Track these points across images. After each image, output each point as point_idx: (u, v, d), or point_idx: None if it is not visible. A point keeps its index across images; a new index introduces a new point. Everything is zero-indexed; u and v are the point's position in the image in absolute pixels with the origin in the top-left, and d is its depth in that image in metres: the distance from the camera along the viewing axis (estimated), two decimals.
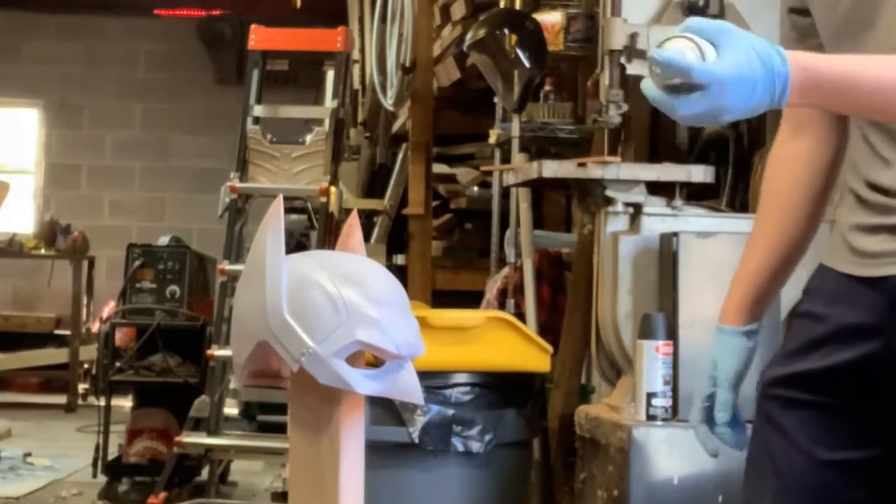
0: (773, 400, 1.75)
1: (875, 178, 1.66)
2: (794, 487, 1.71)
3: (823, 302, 1.71)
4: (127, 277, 5.72)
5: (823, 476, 1.69)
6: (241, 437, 4.98)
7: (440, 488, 3.34)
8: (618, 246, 3.39)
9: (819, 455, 1.69)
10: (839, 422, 1.68)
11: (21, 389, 9.90)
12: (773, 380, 1.76)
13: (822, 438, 1.69)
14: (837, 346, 1.67)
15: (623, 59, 3.39)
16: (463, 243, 6.68)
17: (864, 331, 1.65)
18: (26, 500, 5.63)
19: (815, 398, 1.69)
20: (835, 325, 1.68)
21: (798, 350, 1.73)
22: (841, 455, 1.68)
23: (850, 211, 1.71)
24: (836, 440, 1.68)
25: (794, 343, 1.76)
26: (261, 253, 1.71)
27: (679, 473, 3.09)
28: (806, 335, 1.73)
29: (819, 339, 1.70)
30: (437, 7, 6.06)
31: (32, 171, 11.44)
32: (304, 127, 5.49)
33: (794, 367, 1.72)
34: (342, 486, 1.72)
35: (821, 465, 1.69)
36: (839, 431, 1.68)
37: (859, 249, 1.67)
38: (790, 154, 1.85)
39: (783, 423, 1.72)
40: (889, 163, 1.64)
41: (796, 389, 1.71)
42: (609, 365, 3.54)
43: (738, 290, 1.89)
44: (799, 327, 1.76)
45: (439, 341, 3.21)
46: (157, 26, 11.30)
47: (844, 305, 1.68)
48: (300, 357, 1.66)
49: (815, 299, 1.74)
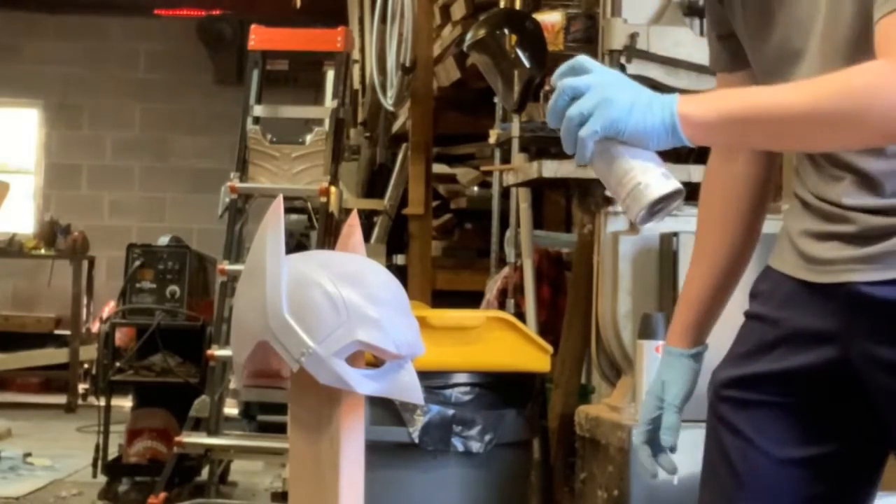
0: (725, 401, 1.75)
1: (822, 192, 1.67)
2: (753, 487, 1.71)
3: (774, 305, 1.72)
4: (127, 277, 5.72)
5: (782, 474, 1.70)
6: (241, 437, 4.98)
7: (440, 488, 3.34)
8: (618, 246, 3.39)
9: (776, 453, 1.69)
10: (794, 420, 1.69)
11: (21, 389, 9.90)
12: (725, 381, 1.76)
13: (778, 437, 1.69)
14: (792, 349, 1.68)
15: (623, 59, 3.39)
16: (463, 243, 6.68)
17: (819, 336, 1.65)
18: (26, 500, 5.63)
19: (769, 398, 1.70)
20: (788, 329, 1.69)
21: (750, 352, 1.74)
22: (798, 452, 1.69)
23: (798, 217, 1.71)
24: (792, 438, 1.69)
25: (745, 345, 1.75)
26: (261, 253, 1.71)
27: (679, 473, 3.09)
28: (758, 338, 1.73)
29: (772, 342, 1.70)
30: (437, 7, 6.06)
31: (32, 171, 11.44)
32: (304, 127, 5.49)
33: (747, 369, 1.73)
34: (342, 486, 1.72)
35: (778, 462, 1.69)
36: (795, 429, 1.69)
37: (810, 255, 1.67)
38: (721, 176, 1.88)
39: (737, 423, 1.73)
40: (838, 179, 1.64)
41: (750, 390, 1.72)
42: (609, 365, 3.54)
43: (683, 313, 1.91)
44: (750, 330, 1.76)
45: (439, 341, 3.21)
46: (157, 26, 11.30)
47: (797, 310, 1.68)
48: (300, 357, 1.66)
49: (765, 302, 1.74)
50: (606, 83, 1.53)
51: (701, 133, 1.54)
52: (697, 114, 1.52)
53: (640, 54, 3.37)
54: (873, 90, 1.46)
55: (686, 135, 1.53)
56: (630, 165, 1.55)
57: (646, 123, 1.52)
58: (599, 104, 1.52)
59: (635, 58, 3.38)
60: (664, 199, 1.57)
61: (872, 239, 1.59)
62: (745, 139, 1.61)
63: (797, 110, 1.50)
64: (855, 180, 1.62)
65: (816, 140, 1.55)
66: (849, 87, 1.47)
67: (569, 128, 1.53)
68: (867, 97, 1.46)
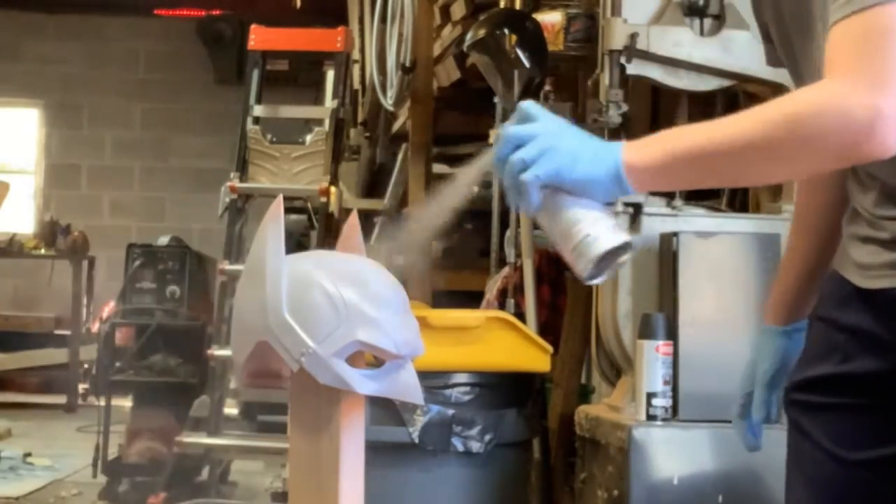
0: (795, 405, 1.75)
1: (859, 200, 1.68)
2: (823, 491, 1.70)
3: (835, 305, 1.71)
4: (127, 277, 5.72)
5: (852, 477, 1.67)
6: (241, 437, 4.99)
7: (440, 488, 3.34)
8: None
9: (844, 456, 1.67)
10: (861, 421, 1.67)
11: (21, 389, 9.89)
12: (793, 385, 1.76)
13: (846, 439, 1.67)
14: (854, 351, 1.67)
15: (623, 59, 3.39)
16: (463, 243, 6.67)
17: (875, 340, 1.64)
18: (26, 500, 5.63)
19: (835, 400, 1.68)
20: (848, 331, 1.67)
21: (816, 355, 1.73)
22: (867, 454, 1.66)
23: (850, 221, 1.72)
24: (860, 439, 1.67)
25: (811, 348, 1.76)
26: (261, 253, 1.71)
27: (679, 473, 3.09)
28: (822, 339, 1.73)
29: (835, 344, 1.69)
30: (437, 7, 6.05)
31: (32, 171, 11.44)
32: (304, 127, 5.49)
33: (813, 372, 1.72)
34: (342, 486, 1.72)
35: (848, 465, 1.67)
36: (862, 431, 1.67)
37: (855, 259, 1.68)
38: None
39: (806, 427, 1.72)
40: (868, 188, 1.64)
41: (816, 393, 1.71)
42: (609, 365, 3.54)
43: (778, 289, 1.93)
44: (815, 331, 1.76)
45: (439, 341, 3.21)
46: (157, 26, 11.30)
47: (854, 312, 1.67)
48: (300, 357, 1.66)
49: (827, 303, 1.74)
50: (551, 132, 1.50)
51: (648, 179, 1.50)
52: (643, 160, 1.48)
53: (640, 54, 3.36)
54: (820, 116, 1.42)
55: (632, 183, 1.49)
56: (578, 217, 1.50)
57: (591, 173, 1.49)
58: (544, 152, 1.49)
59: (635, 58, 3.37)
60: (613, 252, 1.51)
61: None
62: (693, 178, 1.56)
63: (745, 142, 1.45)
64: (882, 191, 1.62)
65: (762, 172, 1.51)
66: (796, 116, 1.43)
67: (511, 174, 1.50)
68: (815, 124, 1.42)
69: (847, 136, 1.42)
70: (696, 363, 3.09)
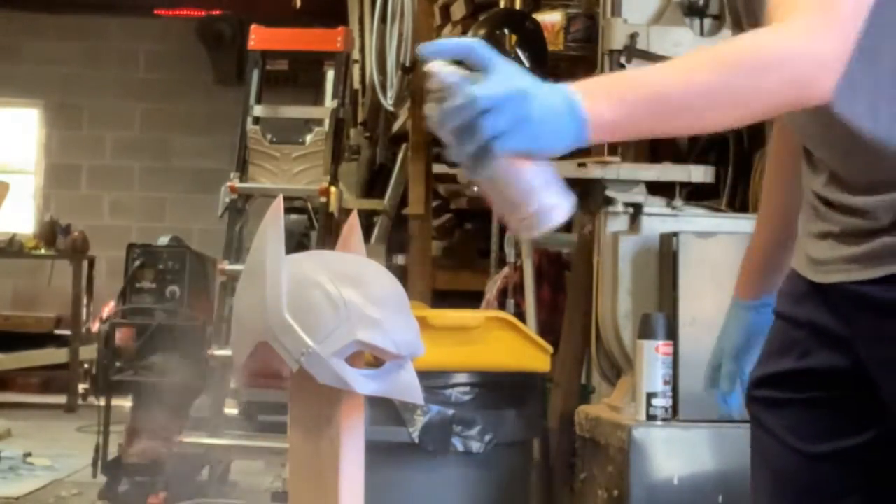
0: (756, 402, 1.77)
1: (812, 186, 1.69)
2: (788, 486, 1.72)
3: (793, 302, 1.73)
4: (127, 277, 5.72)
5: (816, 470, 1.69)
6: (241, 437, 4.98)
7: (440, 488, 3.34)
8: (618, 246, 3.39)
9: (807, 450, 1.69)
10: (821, 414, 1.68)
11: (21, 389, 9.89)
12: (754, 382, 1.78)
13: (808, 433, 1.69)
14: (812, 346, 1.68)
15: (623, 59, 3.39)
16: (463, 243, 6.68)
17: (832, 335, 1.66)
18: (26, 500, 5.63)
19: (795, 395, 1.70)
20: (806, 327, 1.69)
21: (775, 351, 1.75)
22: (827, 446, 1.68)
23: (804, 218, 1.73)
24: (822, 432, 1.68)
25: (771, 345, 1.78)
26: (261, 253, 1.71)
27: (679, 473, 3.09)
28: (781, 336, 1.75)
29: (793, 340, 1.71)
30: (437, 7, 6.05)
31: (32, 171, 11.44)
32: (304, 127, 5.49)
33: (773, 368, 1.74)
34: (342, 486, 1.72)
35: (811, 458, 1.69)
36: (823, 423, 1.68)
37: (810, 256, 1.69)
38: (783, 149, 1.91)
39: (768, 423, 1.74)
40: (818, 169, 1.66)
41: (776, 389, 1.73)
42: (609, 365, 3.54)
43: (746, 265, 1.96)
44: (775, 328, 1.78)
45: (439, 341, 3.21)
46: (157, 26, 11.30)
47: (812, 308, 1.69)
48: (300, 357, 1.66)
49: (786, 301, 1.76)
50: (520, 93, 1.34)
51: (608, 137, 1.42)
52: (606, 119, 1.37)
53: (640, 54, 3.37)
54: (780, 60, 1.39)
55: (592, 142, 1.39)
56: (533, 184, 1.42)
57: (556, 142, 1.36)
58: (518, 122, 1.33)
59: (635, 58, 3.38)
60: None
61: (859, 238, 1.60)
62: (648, 130, 1.47)
63: (705, 89, 1.39)
64: (831, 174, 1.64)
65: (717, 118, 1.44)
66: (754, 61, 1.39)
67: (478, 142, 1.33)
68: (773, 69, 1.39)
69: (802, 78, 1.41)
70: (696, 363, 3.09)
